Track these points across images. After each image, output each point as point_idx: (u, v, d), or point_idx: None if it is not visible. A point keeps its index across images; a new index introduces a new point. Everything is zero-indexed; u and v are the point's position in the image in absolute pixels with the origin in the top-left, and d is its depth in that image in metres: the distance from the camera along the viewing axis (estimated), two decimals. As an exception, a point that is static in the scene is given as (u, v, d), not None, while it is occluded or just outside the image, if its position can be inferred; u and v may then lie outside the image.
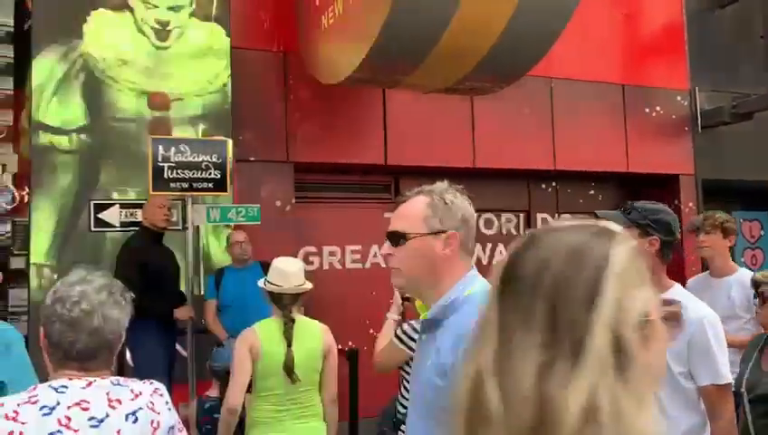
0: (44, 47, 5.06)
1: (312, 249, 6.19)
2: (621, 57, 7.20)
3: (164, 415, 1.63)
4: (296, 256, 5.95)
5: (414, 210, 1.60)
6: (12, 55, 9.02)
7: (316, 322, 3.15)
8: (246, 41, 5.66)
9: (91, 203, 4.74)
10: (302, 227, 5.96)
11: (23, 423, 1.44)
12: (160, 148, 4.59)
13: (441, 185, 1.64)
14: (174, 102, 5.30)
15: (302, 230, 5.96)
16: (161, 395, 1.67)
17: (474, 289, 1.54)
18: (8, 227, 7.70)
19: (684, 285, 3.63)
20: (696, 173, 7.29)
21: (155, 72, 5.27)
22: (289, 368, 2.90)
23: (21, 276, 6.51)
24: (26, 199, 7.54)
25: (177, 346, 4.70)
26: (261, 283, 3.10)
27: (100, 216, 4.76)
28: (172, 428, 1.66)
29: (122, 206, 4.86)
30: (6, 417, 1.44)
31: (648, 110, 7.17)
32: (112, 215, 4.82)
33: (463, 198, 1.61)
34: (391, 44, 4.10)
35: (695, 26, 7.42)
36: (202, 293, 4.96)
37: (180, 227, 4.94)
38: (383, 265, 6.42)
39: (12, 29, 8.68)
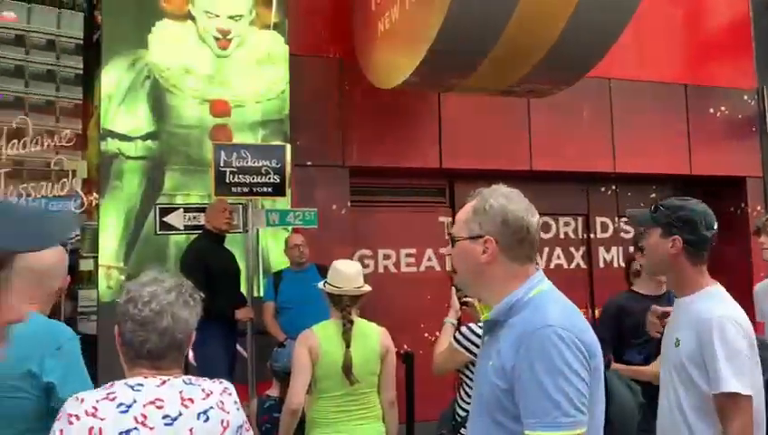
0: (112, 58, 5.28)
1: (368, 252, 6.24)
2: (683, 55, 6.99)
3: (233, 414, 1.65)
4: (352, 260, 6.03)
5: (462, 214, 1.64)
6: (80, 66, 9.42)
7: (374, 324, 3.16)
8: (304, 48, 5.77)
9: (157, 207, 4.91)
10: (358, 230, 6.02)
11: (102, 419, 1.48)
12: (222, 153, 4.72)
13: (491, 188, 1.64)
14: (234, 109, 5.45)
15: (357, 233, 6.02)
16: (230, 394, 1.69)
17: (536, 292, 1.54)
18: (77, 231, 8.05)
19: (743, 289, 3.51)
20: (765, 175, 7.00)
21: (216, 79, 5.44)
22: (347, 369, 2.92)
23: (89, 278, 6.80)
24: (94, 204, 7.87)
25: (238, 347, 4.81)
26: (320, 284, 3.12)
27: (165, 219, 4.93)
28: (240, 427, 1.68)
29: (186, 209, 5.02)
30: (86, 413, 1.48)
31: (712, 110, 6.93)
32: (176, 218, 4.98)
33: (514, 200, 1.58)
34: (448, 48, 4.10)
35: (762, 22, 7.14)
36: (261, 294, 5.07)
37: (241, 230, 5.06)
38: (438, 269, 6.42)
39: (81, 41, 9.05)
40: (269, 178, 4.90)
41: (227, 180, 4.76)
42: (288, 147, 5.14)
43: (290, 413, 2.96)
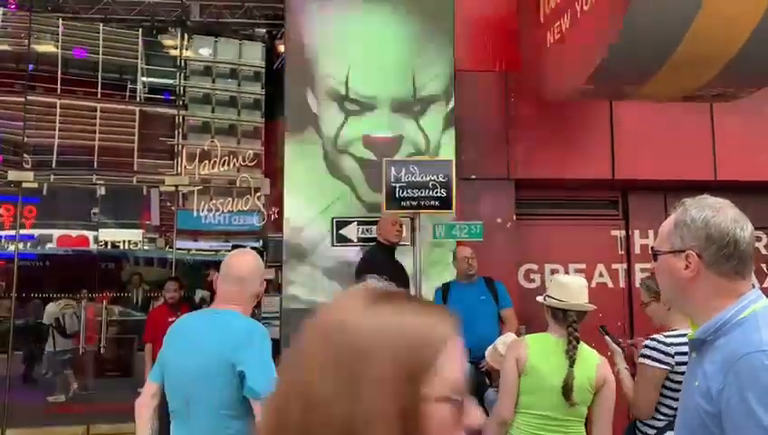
0: (296, 84, 5.74)
1: (534, 267, 6.13)
2: None
3: None
4: (517, 274, 5.96)
5: (664, 227, 1.58)
6: (260, 92, 10.24)
7: (595, 351, 2.87)
8: (469, 63, 5.85)
9: (334, 220, 5.24)
10: (524, 244, 5.94)
11: None
12: (392, 169, 4.92)
13: (696, 199, 1.56)
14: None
15: (522, 247, 5.94)
16: None
17: (749, 312, 1.44)
18: (260, 243, 8.81)
19: None
20: None
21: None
22: (568, 389, 2.69)
23: (272, 285, 7.40)
24: (272, 218, 8.56)
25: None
26: (540, 298, 2.97)
27: (341, 232, 5.24)
28: None
29: (359, 223, 5.29)
30: None
31: None
32: (351, 231, 5.27)
33: (721, 212, 1.48)
34: (623, 56, 3.95)
35: None
36: (429, 306, 5.18)
37: (409, 243, 5.23)
38: (610, 286, 6.13)
39: (262, 69, 9.88)
40: (436, 193, 5.02)
41: (397, 195, 4.95)
42: (453, 161, 5.23)
43: (500, 424, 2.81)
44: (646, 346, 2.80)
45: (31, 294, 10.22)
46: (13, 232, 12.58)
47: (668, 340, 2.78)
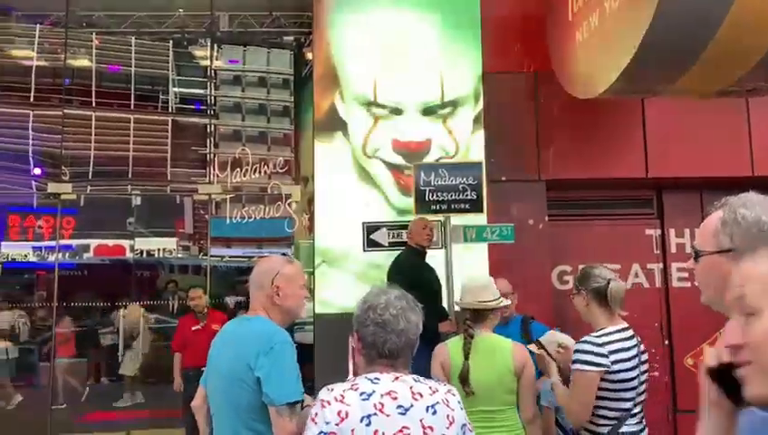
0: (324, 91, 5.78)
1: (567, 268, 6.06)
2: None
3: (457, 412, 1.80)
4: (550, 276, 5.90)
5: (707, 225, 1.50)
6: (289, 99, 10.36)
7: (509, 340, 3.03)
8: (497, 64, 5.82)
9: (364, 225, 5.25)
10: (556, 245, 5.88)
11: (348, 405, 1.73)
12: (422, 173, 4.93)
13: (740, 196, 1.51)
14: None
15: (555, 248, 5.88)
16: (454, 395, 1.85)
17: None
18: (292, 249, 8.87)
19: None
20: None
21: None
22: (464, 380, 2.86)
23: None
24: (303, 224, 8.61)
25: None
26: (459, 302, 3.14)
27: (371, 236, 5.25)
28: (464, 426, 1.82)
29: (390, 227, 5.30)
30: (336, 399, 1.74)
31: None
32: (381, 236, 5.28)
33: None
34: (654, 53, 3.89)
35: None
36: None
37: (440, 246, 5.22)
38: (646, 286, 6.03)
39: (290, 77, 10.00)
40: (466, 195, 5.00)
41: (427, 198, 4.95)
42: (483, 163, 5.21)
43: None
44: (577, 350, 2.70)
45: (71, 303, 10.46)
46: (53, 243, 12.92)
47: (600, 339, 2.68)
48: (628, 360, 2.68)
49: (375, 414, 1.71)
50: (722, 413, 1.05)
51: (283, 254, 9.15)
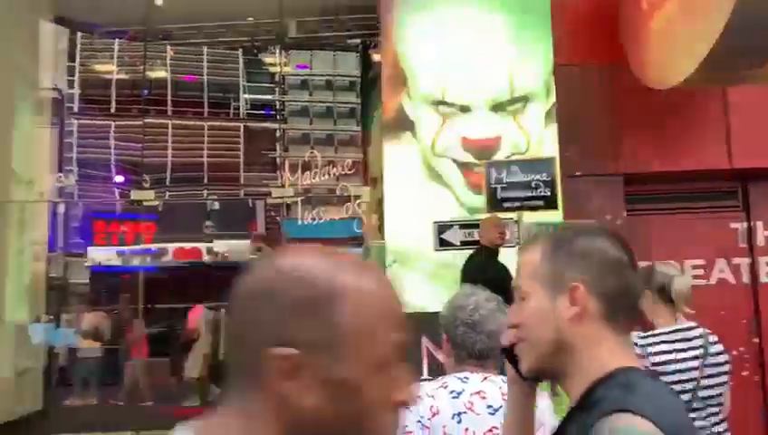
0: (391, 92, 5.82)
1: (648, 264, 5.84)
2: None
3: (547, 416, 1.80)
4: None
5: None
6: (356, 101, 10.48)
7: None
8: (569, 56, 5.69)
9: (436, 225, 5.25)
10: (636, 241, 5.67)
11: (439, 402, 1.76)
12: (493, 171, 4.88)
13: None
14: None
15: (635, 245, 5.64)
16: (543, 398, 1.83)
17: None
18: (362, 249, 8.98)
19: None
20: None
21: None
22: None
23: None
24: (374, 224, 8.69)
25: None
26: None
27: (443, 236, 5.24)
28: (555, 427, 1.79)
29: (461, 226, 5.28)
30: (427, 395, 1.78)
31: None
32: (453, 235, 5.26)
33: None
34: (738, 39, 3.70)
35: None
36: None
37: (514, 245, 5.15)
38: (732, 282, 5.75)
39: (356, 78, 10.10)
40: (539, 192, 4.92)
41: (498, 196, 4.90)
42: (557, 159, 5.11)
43: None
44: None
45: (153, 305, 10.95)
46: (136, 247, 13.57)
47: (643, 341, 2.62)
48: (682, 361, 2.63)
49: (465, 412, 1.73)
50: (518, 389, 1.13)
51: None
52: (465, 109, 5.70)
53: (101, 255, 14.55)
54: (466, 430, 1.71)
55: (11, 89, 7.34)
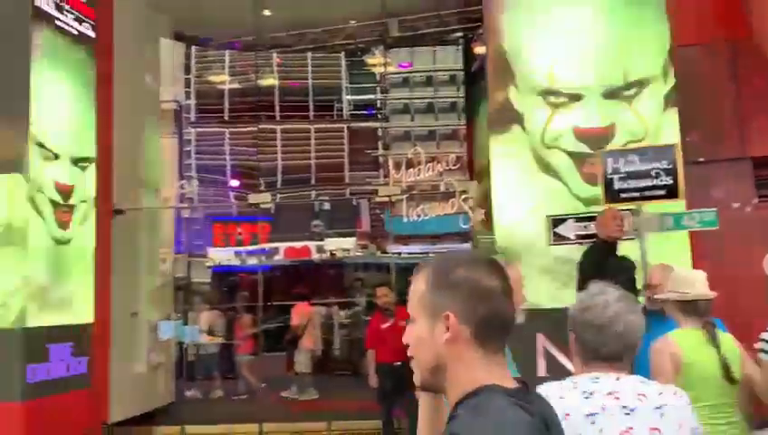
0: (497, 84, 5.73)
1: (784, 254, 5.40)
2: None
3: (687, 415, 1.74)
4: (762, 262, 5.30)
5: None
6: (458, 95, 10.40)
7: (727, 333, 2.91)
8: (688, 36, 5.35)
9: (549, 219, 5.11)
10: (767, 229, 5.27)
11: (570, 403, 1.72)
12: (609, 160, 4.67)
13: None
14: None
15: (767, 233, 5.27)
16: (681, 397, 1.78)
17: None
18: (469, 245, 8.94)
19: None
20: None
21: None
22: (728, 370, 2.67)
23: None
24: (480, 219, 8.60)
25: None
26: (663, 296, 3.06)
27: (556, 230, 5.09)
28: (695, 428, 1.75)
29: (577, 219, 5.10)
30: (558, 397, 1.74)
31: None
32: (568, 228, 5.10)
33: None
34: None
35: None
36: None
37: (633, 237, 4.91)
38: None
39: (458, 72, 10.02)
40: (660, 181, 4.66)
41: (615, 187, 4.68)
42: (678, 145, 4.81)
43: None
44: (761, 339, 2.74)
45: (270, 302, 11.44)
46: (252, 248, 14.25)
47: None
48: None
49: (598, 413, 1.69)
50: (426, 395, 1.27)
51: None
52: (575, 97, 5.50)
53: (221, 255, 15.44)
54: (601, 430, 1.67)
55: (140, 105, 7.91)
